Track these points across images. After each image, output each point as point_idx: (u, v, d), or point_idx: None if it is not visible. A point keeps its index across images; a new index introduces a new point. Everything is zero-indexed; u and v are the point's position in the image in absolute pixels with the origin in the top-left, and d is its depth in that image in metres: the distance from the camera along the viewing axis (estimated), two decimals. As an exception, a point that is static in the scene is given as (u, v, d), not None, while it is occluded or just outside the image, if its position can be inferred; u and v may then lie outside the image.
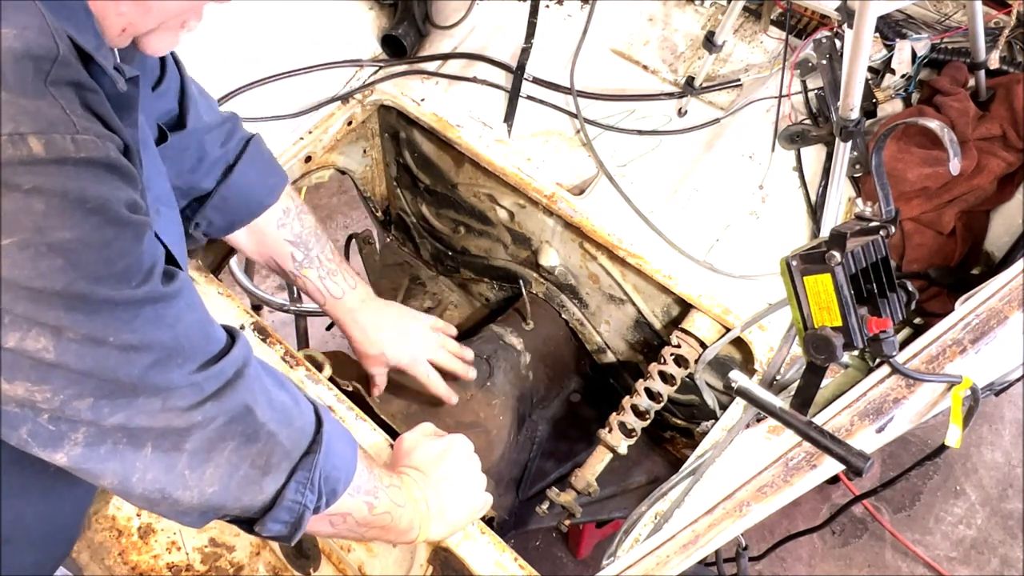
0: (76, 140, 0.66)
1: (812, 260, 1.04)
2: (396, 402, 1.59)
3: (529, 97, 1.71)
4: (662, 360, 1.51)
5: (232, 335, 0.87)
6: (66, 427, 0.73)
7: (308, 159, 1.76)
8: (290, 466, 0.89)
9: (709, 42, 1.60)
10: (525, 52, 1.69)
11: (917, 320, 1.43)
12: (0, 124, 0.63)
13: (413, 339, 1.48)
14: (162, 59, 1.14)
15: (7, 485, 0.89)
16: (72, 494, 1.04)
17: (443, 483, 1.13)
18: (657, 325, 1.64)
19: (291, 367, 1.34)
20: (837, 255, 1.01)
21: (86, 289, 0.68)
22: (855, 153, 1.42)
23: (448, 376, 1.53)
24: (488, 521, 1.21)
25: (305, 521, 0.91)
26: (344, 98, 1.78)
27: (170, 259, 0.99)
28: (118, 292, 0.70)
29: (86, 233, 0.67)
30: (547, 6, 1.82)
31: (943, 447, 1.11)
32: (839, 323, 1.04)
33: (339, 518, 0.99)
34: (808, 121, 1.54)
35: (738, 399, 1.23)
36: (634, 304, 1.65)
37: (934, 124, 1.04)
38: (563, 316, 1.84)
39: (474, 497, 1.17)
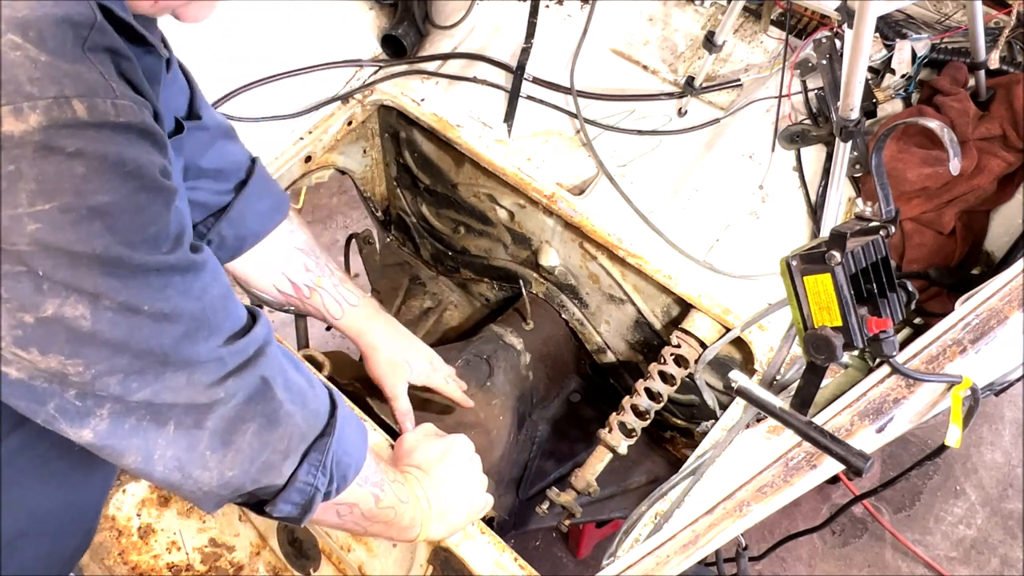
0: (116, 105, 0.66)
1: (812, 260, 1.04)
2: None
3: (529, 97, 1.71)
4: (662, 360, 1.51)
5: (253, 314, 0.87)
6: (92, 403, 0.72)
7: (308, 159, 1.76)
8: (304, 447, 0.89)
9: (709, 42, 1.60)
10: (525, 52, 1.69)
11: (917, 320, 1.43)
12: (43, 87, 0.62)
13: (425, 352, 1.46)
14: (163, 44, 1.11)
15: (25, 473, 0.89)
16: (89, 484, 1.03)
17: (444, 483, 1.13)
18: (657, 325, 1.64)
19: (291, 367, 1.34)
20: (837, 255, 1.01)
21: (123, 253, 0.68)
22: (855, 153, 1.42)
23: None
24: (488, 521, 1.22)
25: (316, 503, 0.91)
26: (344, 98, 1.78)
27: None
28: (151, 257, 0.70)
29: (123, 197, 0.67)
30: (547, 6, 1.82)
31: (943, 447, 1.11)
32: (839, 323, 1.04)
33: (346, 508, 0.99)
34: (808, 121, 1.54)
35: (738, 399, 1.23)
36: (634, 304, 1.65)
37: (934, 124, 1.04)
38: (563, 316, 1.84)
39: (474, 497, 1.17)
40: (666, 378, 1.51)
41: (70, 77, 0.64)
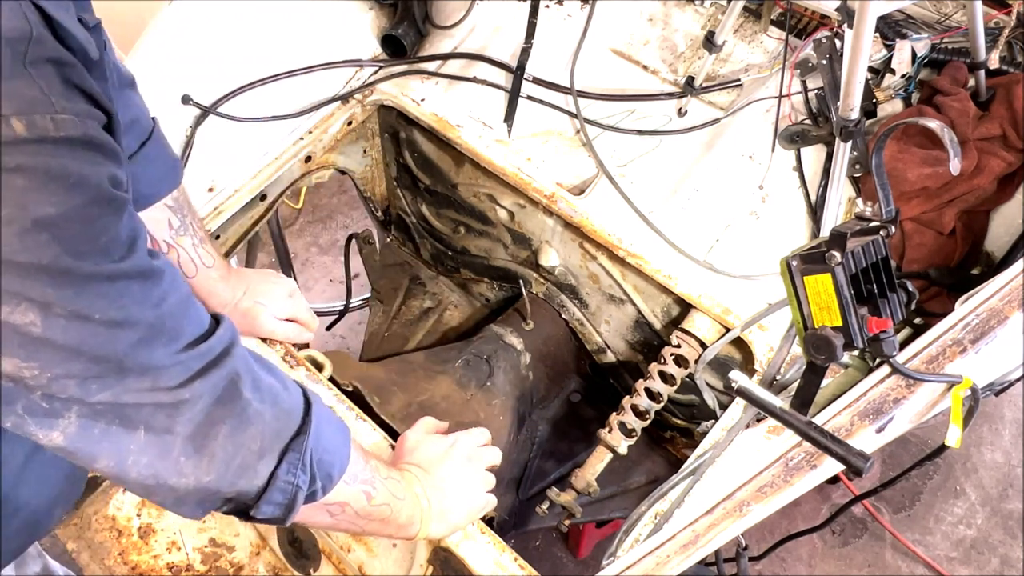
0: (55, 119, 0.67)
1: (812, 260, 1.04)
2: (396, 402, 1.59)
3: (529, 97, 1.71)
4: (662, 360, 1.51)
5: (217, 319, 0.88)
6: (59, 404, 0.74)
7: (308, 159, 1.76)
8: (281, 447, 0.89)
9: (709, 42, 1.60)
10: (525, 52, 1.69)
11: (917, 320, 1.43)
12: None
13: (283, 287, 1.42)
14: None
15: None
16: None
17: (445, 482, 1.13)
18: (657, 325, 1.64)
19: (291, 367, 1.34)
20: (837, 255, 1.01)
21: (71, 264, 0.69)
22: (855, 153, 1.42)
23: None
24: (488, 521, 1.22)
25: (298, 503, 0.92)
26: (344, 98, 1.78)
27: None
28: (101, 266, 0.71)
29: (69, 209, 0.68)
30: (547, 6, 1.82)
31: (943, 447, 1.11)
32: (839, 323, 1.04)
33: (337, 507, 0.99)
34: (808, 121, 1.54)
35: (738, 399, 1.23)
36: (634, 304, 1.65)
37: (934, 124, 1.04)
38: (563, 316, 1.84)
39: (475, 497, 1.17)
40: (666, 378, 1.51)
41: (7, 96, 0.65)
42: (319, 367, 1.40)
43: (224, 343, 0.85)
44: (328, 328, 2.37)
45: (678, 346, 1.50)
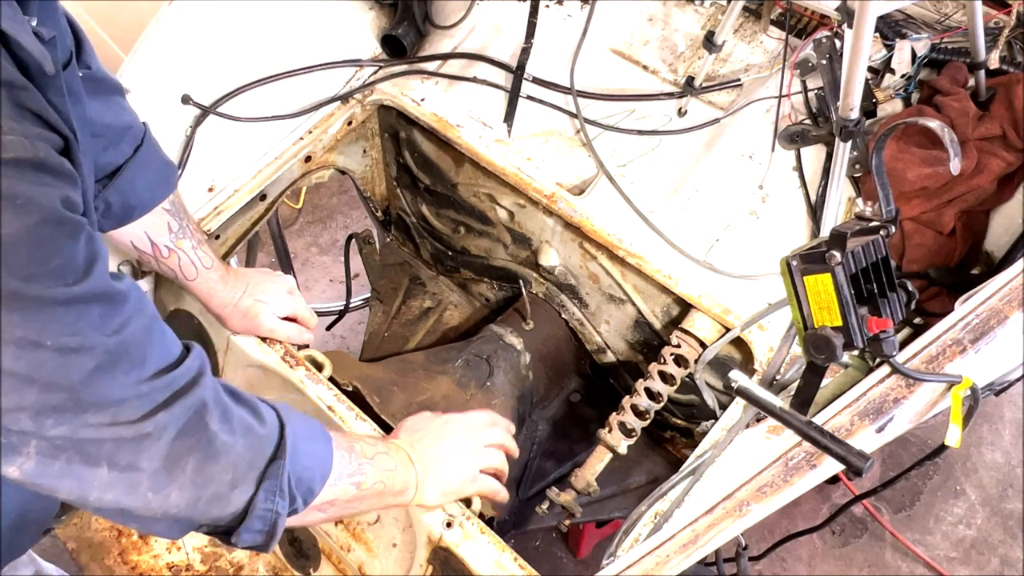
0: (2, 141, 0.66)
1: (812, 260, 1.04)
2: (396, 402, 1.60)
3: (529, 97, 1.71)
4: (662, 360, 1.51)
5: (187, 347, 0.86)
6: (16, 439, 0.71)
7: (308, 159, 1.76)
8: (256, 475, 0.88)
9: (709, 42, 1.60)
10: (525, 52, 1.69)
11: (917, 320, 1.43)
12: None
13: (282, 284, 1.41)
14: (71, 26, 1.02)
15: None
16: None
17: (437, 446, 1.14)
18: (657, 325, 1.64)
19: (291, 367, 1.34)
20: (837, 255, 1.01)
21: (19, 287, 0.67)
22: (855, 153, 1.42)
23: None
24: (488, 521, 1.22)
25: (279, 528, 0.91)
26: (344, 98, 1.78)
27: None
28: (54, 290, 0.69)
29: (16, 231, 0.66)
30: (547, 6, 1.82)
31: (943, 447, 1.11)
32: (839, 323, 1.04)
33: (326, 505, 0.99)
34: (808, 121, 1.54)
35: (738, 399, 1.23)
36: (634, 304, 1.65)
37: (934, 124, 1.04)
38: (563, 316, 1.84)
39: (469, 464, 1.17)
40: (666, 378, 1.51)
41: None
42: (319, 367, 1.40)
43: (192, 373, 0.83)
44: (328, 328, 2.37)
45: (678, 346, 1.50)
